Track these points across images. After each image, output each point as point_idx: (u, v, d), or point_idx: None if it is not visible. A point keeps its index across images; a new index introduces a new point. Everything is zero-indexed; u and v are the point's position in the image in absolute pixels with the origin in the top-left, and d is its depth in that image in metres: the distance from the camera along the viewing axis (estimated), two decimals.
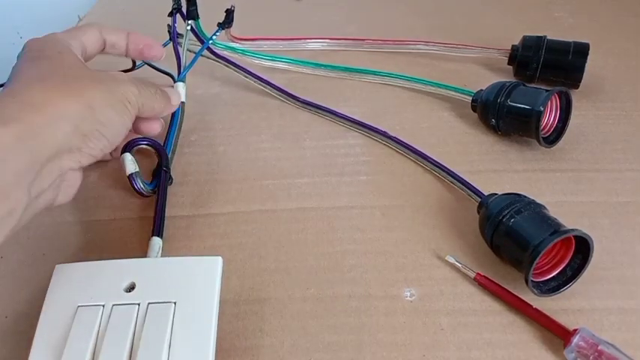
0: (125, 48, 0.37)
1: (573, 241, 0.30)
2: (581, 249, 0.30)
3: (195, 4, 0.42)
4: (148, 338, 0.26)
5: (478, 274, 0.31)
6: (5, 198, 0.23)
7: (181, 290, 0.28)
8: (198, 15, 0.43)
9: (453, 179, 0.37)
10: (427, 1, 0.60)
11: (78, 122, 0.27)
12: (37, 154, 0.25)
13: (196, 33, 0.43)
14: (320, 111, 0.44)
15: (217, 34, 0.43)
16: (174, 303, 0.27)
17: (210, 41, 0.43)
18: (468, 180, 0.36)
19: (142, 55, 0.39)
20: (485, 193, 0.34)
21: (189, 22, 0.43)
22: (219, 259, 0.29)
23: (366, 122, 0.42)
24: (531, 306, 0.30)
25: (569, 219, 0.31)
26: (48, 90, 0.27)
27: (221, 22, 0.43)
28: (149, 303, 0.27)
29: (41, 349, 0.26)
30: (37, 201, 0.27)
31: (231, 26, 0.44)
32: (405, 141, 0.40)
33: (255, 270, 0.33)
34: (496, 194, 0.34)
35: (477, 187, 0.35)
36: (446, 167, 0.37)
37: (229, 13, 0.42)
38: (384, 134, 0.41)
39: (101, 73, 0.31)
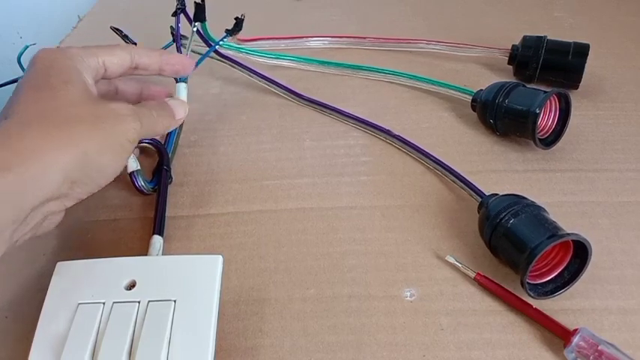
0: (158, 70, 0.36)
1: (572, 245, 0.30)
2: (580, 253, 0.30)
3: (203, 7, 0.41)
4: (147, 336, 0.26)
5: (478, 274, 0.31)
6: None
7: (181, 288, 0.28)
8: (205, 18, 0.42)
9: (455, 179, 0.37)
10: (428, 2, 0.60)
11: (69, 171, 0.27)
12: (24, 204, 0.25)
13: (202, 35, 0.43)
14: (324, 109, 0.44)
15: (225, 39, 0.43)
16: (174, 301, 0.27)
17: (217, 46, 0.43)
18: (470, 180, 0.36)
19: (177, 74, 0.38)
20: (486, 193, 0.35)
21: (196, 24, 0.42)
22: (220, 258, 0.29)
23: (371, 120, 0.42)
24: (531, 306, 0.30)
25: (569, 219, 0.31)
26: (44, 134, 0.26)
27: (229, 28, 0.41)
28: (149, 301, 0.27)
29: (42, 345, 0.26)
30: (16, 243, 0.27)
31: (238, 33, 0.44)
32: (409, 140, 0.40)
33: (255, 270, 0.33)
34: (497, 195, 0.34)
35: (479, 187, 0.35)
36: (449, 167, 0.37)
37: (239, 22, 0.41)
38: (387, 132, 0.41)
39: (104, 109, 0.29)
